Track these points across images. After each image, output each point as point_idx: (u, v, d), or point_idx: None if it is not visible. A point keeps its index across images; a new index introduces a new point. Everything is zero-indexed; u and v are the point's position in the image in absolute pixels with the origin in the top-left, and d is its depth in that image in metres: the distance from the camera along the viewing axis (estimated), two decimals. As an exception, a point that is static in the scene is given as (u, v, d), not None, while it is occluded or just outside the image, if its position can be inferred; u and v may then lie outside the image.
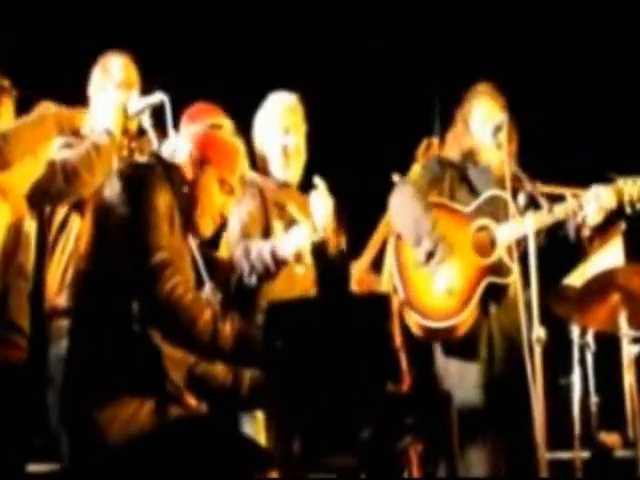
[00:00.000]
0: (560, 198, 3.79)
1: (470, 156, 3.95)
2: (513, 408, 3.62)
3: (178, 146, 2.86)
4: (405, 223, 3.87)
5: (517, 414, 3.56)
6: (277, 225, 3.62)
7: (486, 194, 3.87)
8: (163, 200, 2.64)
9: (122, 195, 2.63)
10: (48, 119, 3.28)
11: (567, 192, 3.79)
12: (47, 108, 3.32)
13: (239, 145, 2.86)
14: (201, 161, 2.79)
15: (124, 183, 2.66)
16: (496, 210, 3.83)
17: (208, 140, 2.81)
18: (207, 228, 2.84)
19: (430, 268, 3.75)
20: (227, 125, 2.89)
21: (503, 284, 3.77)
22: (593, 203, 3.69)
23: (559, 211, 3.72)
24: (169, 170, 2.77)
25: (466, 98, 4.00)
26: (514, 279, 3.69)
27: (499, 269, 3.78)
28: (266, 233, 3.64)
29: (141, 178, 2.67)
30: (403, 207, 3.88)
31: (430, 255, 3.75)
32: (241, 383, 2.84)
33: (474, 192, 3.92)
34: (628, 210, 3.67)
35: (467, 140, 3.96)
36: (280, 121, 3.76)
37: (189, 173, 2.78)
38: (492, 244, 3.82)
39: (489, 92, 3.95)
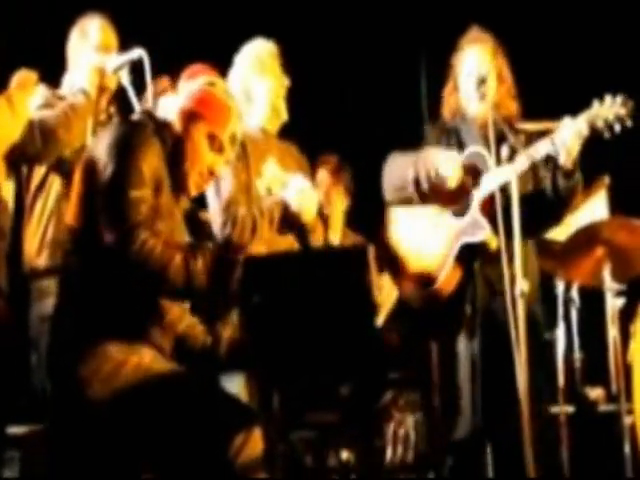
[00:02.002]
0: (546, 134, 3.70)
1: (458, 113, 3.89)
2: (496, 363, 3.60)
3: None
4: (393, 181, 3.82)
5: (500, 369, 3.54)
6: (258, 184, 3.59)
7: (466, 151, 3.78)
8: (148, 163, 2.63)
9: (108, 154, 2.62)
10: None
11: (551, 126, 3.70)
12: None
13: (233, 104, 2.85)
14: (193, 115, 2.78)
15: (112, 141, 2.65)
16: (480, 165, 3.77)
17: (202, 95, 2.80)
18: (195, 185, 2.81)
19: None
20: (221, 84, 2.87)
21: (479, 242, 3.69)
22: (562, 142, 3.51)
23: (534, 151, 3.57)
24: (161, 127, 2.76)
25: (455, 50, 3.93)
26: (487, 236, 3.62)
27: (474, 228, 3.70)
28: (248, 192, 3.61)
29: (130, 138, 2.66)
30: (391, 170, 3.83)
31: (417, 182, 3.68)
32: (219, 343, 2.83)
33: (463, 149, 3.82)
34: (606, 135, 3.53)
35: (455, 97, 3.91)
36: (269, 65, 3.71)
37: (179, 127, 2.77)
38: (468, 203, 3.78)
39: (476, 39, 3.86)
